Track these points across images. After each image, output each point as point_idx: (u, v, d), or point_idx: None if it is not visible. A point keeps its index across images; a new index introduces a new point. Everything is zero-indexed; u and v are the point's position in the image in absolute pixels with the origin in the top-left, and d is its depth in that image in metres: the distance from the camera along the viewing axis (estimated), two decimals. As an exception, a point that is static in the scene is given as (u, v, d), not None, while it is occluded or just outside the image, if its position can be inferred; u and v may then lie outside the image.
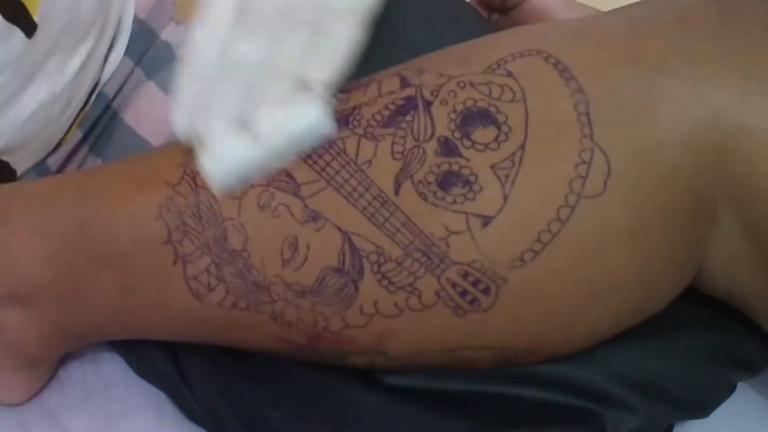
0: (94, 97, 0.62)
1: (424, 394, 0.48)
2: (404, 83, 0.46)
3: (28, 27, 0.55)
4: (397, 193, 0.43)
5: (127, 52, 0.63)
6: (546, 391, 0.48)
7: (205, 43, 0.47)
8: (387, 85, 0.46)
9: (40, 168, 0.60)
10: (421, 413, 0.48)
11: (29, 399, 0.53)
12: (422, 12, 0.62)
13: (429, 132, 0.44)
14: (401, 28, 0.60)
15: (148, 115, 0.63)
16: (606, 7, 0.64)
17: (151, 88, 0.63)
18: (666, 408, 0.49)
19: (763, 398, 0.54)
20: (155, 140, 0.62)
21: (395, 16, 0.61)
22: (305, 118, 0.44)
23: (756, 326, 0.49)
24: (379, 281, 0.43)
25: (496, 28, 0.67)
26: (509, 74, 0.44)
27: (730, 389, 0.51)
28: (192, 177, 0.46)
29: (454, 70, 0.46)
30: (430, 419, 0.48)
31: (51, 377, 0.54)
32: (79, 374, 0.54)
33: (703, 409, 0.51)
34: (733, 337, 0.51)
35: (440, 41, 0.57)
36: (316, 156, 0.45)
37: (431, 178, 0.43)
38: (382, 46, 0.59)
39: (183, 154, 0.48)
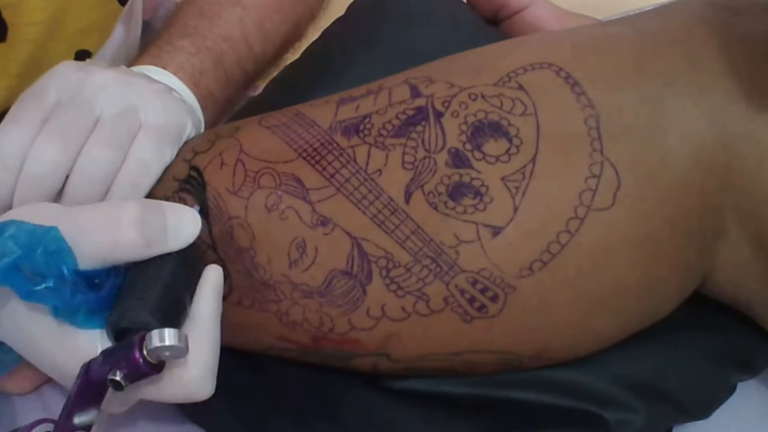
0: None
1: (428, 397, 0.47)
2: (414, 93, 0.44)
3: None
4: (407, 201, 0.42)
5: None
6: (549, 395, 0.46)
7: (9, 146, 0.43)
8: (397, 94, 0.45)
9: None
10: (424, 417, 0.47)
11: (32, 390, 0.51)
12: (423, 13, 0.60)
13: (440, 143, 0.42)
14: (402, 29, 0.58)
15: None
16: (599, 14, 0.64)
17: None
18: (667, 410, 0.48)
19: (763, 399, 0.53)
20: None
21: (396, 17, 0.60)
22: None
23: (755, 326, 0.48)
24: (387, 285, 0.41)
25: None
26: (520, 87, 0.43)
27: (730, 390, 0.50)
28: (199, 172, 0.44)
29: (465, 80, 0.44)
30: (433, 423, 0.47)
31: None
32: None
33: (703, 410, 0.49)
34: (732, 337, 0.50)
35: (442, 43, 0.55)
36: (326, 162, 0.43)
37: (442, 188, 0.41)
38: (384, 48, 0.58)
39: (190, 151, 0.46)
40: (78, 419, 0.36)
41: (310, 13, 0.69)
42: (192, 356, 0.38)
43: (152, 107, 0.45)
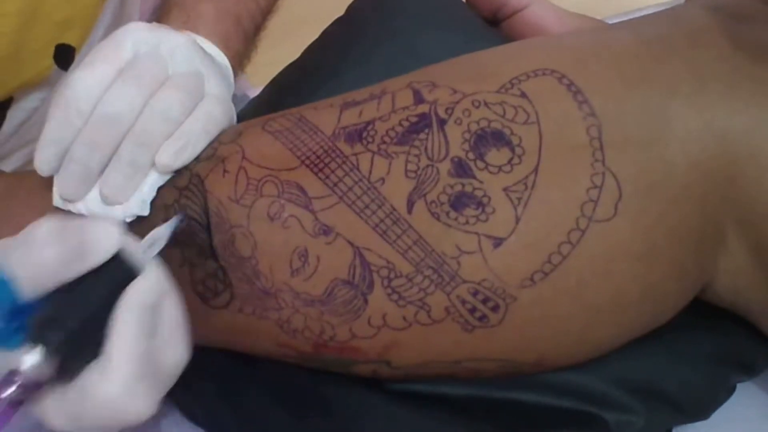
0: None
1: (428, 398, 0.46)
2: (418, 98, 0.43)
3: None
4: (409, 211, 0.41)
5: None
6: (548, 396, 0.46)
7: (84, 91, 0.43)
8: (400, 99, 0.44)
9: None
10: (424, 418, 0.46)
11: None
12: (423, 13, 0.58)
13: (443, 152, 0.42)
14: (402, 29, 0.57)
15: None
16: (599, 14, 0.63)
17: None
18: (666, 411, 0.47)
19: (762, 399, 0.53)
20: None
21: (396, 17, 0.59)
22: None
23: (754, 328, 0.47)
24: (389, 295, 0.41)
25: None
26: (523, 94, 0.42)
27: (730, 391, 0.50)
28: (200, 180, 0.43)
29: (468, 86, 0.43)
30: (433, 424, 0.46)
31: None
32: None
33: (702, 411, 0.49)
34: (731, 339, 0.49)
35: (442, 43, 0.54)
36: (329, 170, 0.42)
37: (444, 198, 0.41)
38: (386, 50, 0.57)
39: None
40: None
41: None
42: (109, 370, 0.36)
43: (214, 80, 0.46)
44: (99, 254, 0.37)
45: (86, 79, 0.43)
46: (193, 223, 0.43)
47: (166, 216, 0.43)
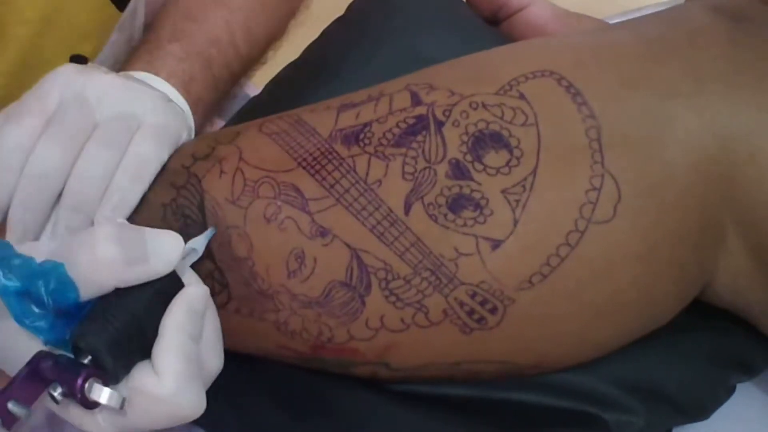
0: None
1: (428, 399, 0.46)
2: (415, 100, 0.43)
3: None
4: (407, 213, 0.41)
5: None
6: (548, 396, 0.46)
7: (12, 146, 0.42)
8: (398, 101, 0.44)
9: None
10: (424, 418, 0.46)
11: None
12: (423, 13, 0.58)
13: (440, 154, 0.41)
14: (402, 29, 0.57)
15: None
16: (599, 14, 0.62)
17: None
18: (666, 411, 0.47)
19: (762, 400, 0.53)
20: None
21: (396, 17, 0.58)
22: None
23: (754, 328, 0.47)
24: (386, 297, 0.41)
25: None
26: (521, 96, 0.42)
27: (729, 391, 0.50)
28: (197, 180, 0.43)
29: (466, 88, 0.43)
30: (433, 424, 0.46)
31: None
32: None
33: (702, 411, 0.49)
34: (731, 339, 0.49)
35: (442, 43, 0.54)
36: (325, 172, 0.42)
37: (442, 200, 0.41)
38: (384, 47, 0.56)
39: (189, 157, 0.45)
40: (12, 406, 0.35)
41: (292, 12, 0.68)
42: (163, 368, 0.37)
43: (151, 110, 0.44)
44: (162, 260, 0.38)
45: (13, 133, 0.42)
46: (190, 223, 0.43)
47: (164, 214, 0.43)
